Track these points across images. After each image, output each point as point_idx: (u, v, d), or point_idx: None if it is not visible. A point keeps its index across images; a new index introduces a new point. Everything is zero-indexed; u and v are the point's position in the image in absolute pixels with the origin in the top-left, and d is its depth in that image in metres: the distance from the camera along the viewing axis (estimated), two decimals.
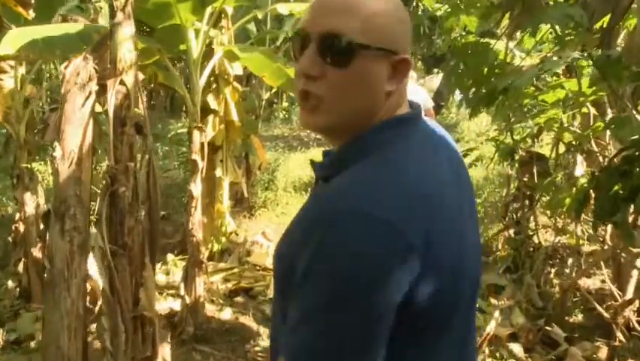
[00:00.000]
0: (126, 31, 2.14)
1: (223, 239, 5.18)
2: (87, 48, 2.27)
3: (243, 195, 6.95)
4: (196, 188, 3.78)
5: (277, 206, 7.31)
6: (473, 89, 2.92)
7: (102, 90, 2.15)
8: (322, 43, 0.91)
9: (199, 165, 3.76)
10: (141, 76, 2.38)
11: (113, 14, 2.11)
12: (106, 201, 2.13)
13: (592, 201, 2.26)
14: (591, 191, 2.22)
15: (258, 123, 6.91)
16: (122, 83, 2.13)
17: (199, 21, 3.79)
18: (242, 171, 6.94)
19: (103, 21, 5.64)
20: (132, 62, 2.17)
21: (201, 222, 3.89)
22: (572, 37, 2.41)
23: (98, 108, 2.40)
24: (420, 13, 12.73)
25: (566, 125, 3.33)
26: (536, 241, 4.78)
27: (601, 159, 3.04)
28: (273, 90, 7.23)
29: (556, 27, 2.66)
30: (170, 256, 5.24)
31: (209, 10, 3.78)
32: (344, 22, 0.90)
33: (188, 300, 3.98)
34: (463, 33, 4.40)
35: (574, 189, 2.64)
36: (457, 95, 12.02)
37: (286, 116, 14.99)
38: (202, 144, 3.79)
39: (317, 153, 10.90)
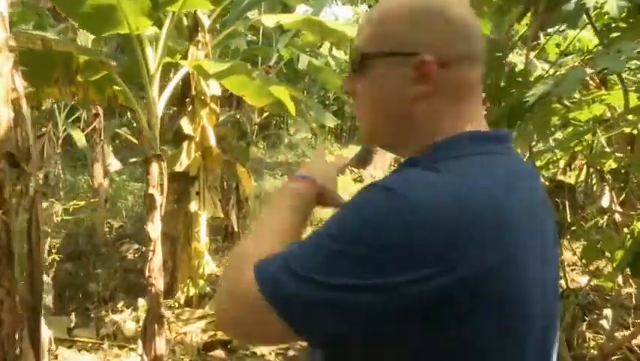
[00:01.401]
0: None
1: (201, 282, 4.52)
2: None
3: (233, 229, 6.32)
4: (154, 228, 3.15)
5: None
6: (487, 105, 2.27)
7: None
8: (349, 59, 0.94)
9: (157, 201, 3.13)
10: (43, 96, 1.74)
11: None
12: None
13: None
14: None
15: (249, 150, 6.29)
16: None
17: (158, 28, 3.19)
18: (232, 202, 6.34)
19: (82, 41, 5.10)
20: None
21: (161, 269, 3.24)
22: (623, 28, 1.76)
23: None
24: None
25: (607, 149, 2.66)
26: (564, 286, 4.06)
27: None
28: (265, 114, 6.61)
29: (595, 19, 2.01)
30: (141, 302, 4.58)
31: (169, 16, 3.18)
32: (361, 34, 0.90)
33: None
34: None
35: (627, 237, 1.96)
36: None
37: (293, 141, 14.32)
38: (161, 176, 3.16)
39: None
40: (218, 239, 6.15)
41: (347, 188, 9.95)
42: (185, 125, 4.21)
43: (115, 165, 6.89)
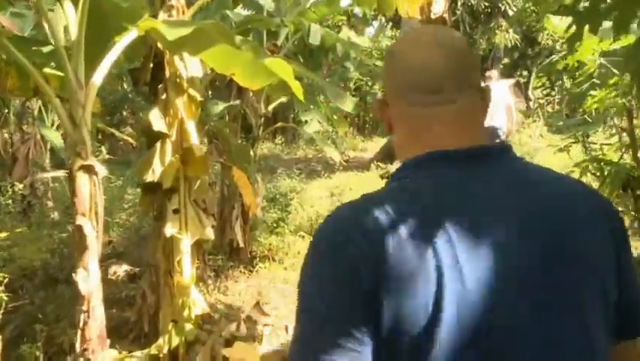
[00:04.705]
0: None
1: (188, 326, 3.42)
2: None
3: (239, 245, 5.23)
4: (85, 278, 2.05)
5: (286, 256, 5.51)
6: None
7: None
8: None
9: (88, 236, 2.02)
10: None
11: None
12: None
13: None
14: None
15: (253, 149, 5.16)
16: None
17: None
18: (236, 213, 5.24)
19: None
20: None
21: (103, 337, 2.15)
22: None
23: None
24: (459, 8, 10.80)
25: None
26: None
27: None
28: (274, 104, 5.46)
29: None
30: (110, 353, 3.50)
31: None
32: None
33: None
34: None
35: None
36: None
37: (305, 136, 13.04)
38: (95, 197, 2.06)
39: (344, 179, 9.13)
40: (220, 258, 5.06)
41: (374, 184, 8.83)
42: (156, 119, 3.11)
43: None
